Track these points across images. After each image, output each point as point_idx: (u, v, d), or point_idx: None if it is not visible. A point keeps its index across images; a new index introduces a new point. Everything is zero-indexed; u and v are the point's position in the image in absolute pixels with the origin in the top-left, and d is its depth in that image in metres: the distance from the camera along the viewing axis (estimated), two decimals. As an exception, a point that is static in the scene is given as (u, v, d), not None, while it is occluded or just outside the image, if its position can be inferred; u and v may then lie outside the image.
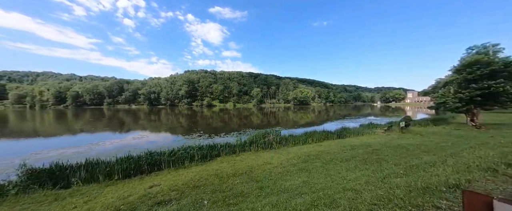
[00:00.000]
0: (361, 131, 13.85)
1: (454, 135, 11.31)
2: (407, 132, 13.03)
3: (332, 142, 10.88)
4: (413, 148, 7.94)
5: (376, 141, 10.27)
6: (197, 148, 8.01)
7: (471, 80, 14.41)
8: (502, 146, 6.60)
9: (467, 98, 14.06)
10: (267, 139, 10.04)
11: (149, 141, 14.04)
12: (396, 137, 11.53)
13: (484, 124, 15.37)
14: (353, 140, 11.41)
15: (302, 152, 8.32)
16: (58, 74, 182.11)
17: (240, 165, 6.67)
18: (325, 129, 13.72)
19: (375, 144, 9.41)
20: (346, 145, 9.37)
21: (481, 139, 9.29)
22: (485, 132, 11.99)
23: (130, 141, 14.15)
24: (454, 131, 12.88)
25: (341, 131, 13.34)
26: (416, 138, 10.96)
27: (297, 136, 11.30)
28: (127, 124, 27.08)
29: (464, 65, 14.55)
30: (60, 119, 35.61)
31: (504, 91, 12.82)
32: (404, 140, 10.24)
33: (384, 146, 8.66)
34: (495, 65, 12.96)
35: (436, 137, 10.78)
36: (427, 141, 9.65)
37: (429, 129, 14.76)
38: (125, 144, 12.98)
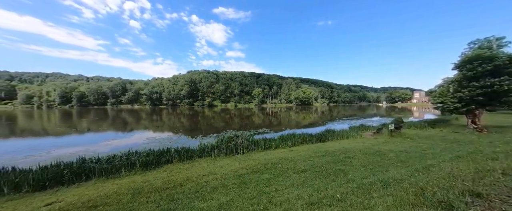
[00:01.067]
0: (346, 134, 12.67)
1: (449, 139, 10.01)
2: (397, 135, 11.76)
3: (307, 146, 9.80)
4: (391, 156, 6.81)
5: (356, 146, 9.14)
6: (145, 154, 7.16)
7: (472, 77, 12.96)
8: (493, 156, 5.39)
9: (468, 98, 12.63)
10: (233, 143, 9.08)
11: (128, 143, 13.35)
12: (382, 141, 10.33)
13: (488, 127, 13.87)
14: (333, 144, 10.30)
15: (264, 159, 7.33)
16: (67, 75, 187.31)
17: (179, 175, 5.77)
18: (305, 132, 12.63)
19: (352, 149, 8.30)
20: (319, 150, 8.30)
21: (477, 145, 8.02)
22: (486, 136, 10.60)
23: (101, 143, 13.54)
24: (450, 135, 11.52)
25: (324, 134, 12.21)
26: (404, 142, 9.73)
27: (271, 140, 10.28)
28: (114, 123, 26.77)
29: (464, 61, 13.11)
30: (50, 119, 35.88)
31: (509, 90, 11.36)
32: (388, 145, 9.06)
33: (361, 153, 7.55)
34: (499, 61, 11.51)
35: (427, 142, 9.53)
36: (413, 147, 8.45)
37: (424, 132, 13.41)
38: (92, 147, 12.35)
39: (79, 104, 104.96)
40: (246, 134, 10.20)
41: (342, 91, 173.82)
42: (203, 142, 9.09)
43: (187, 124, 27.10)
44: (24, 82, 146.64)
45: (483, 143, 8.35)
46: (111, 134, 17.66)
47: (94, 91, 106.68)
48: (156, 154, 7.22)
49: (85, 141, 14.30)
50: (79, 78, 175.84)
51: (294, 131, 13.51)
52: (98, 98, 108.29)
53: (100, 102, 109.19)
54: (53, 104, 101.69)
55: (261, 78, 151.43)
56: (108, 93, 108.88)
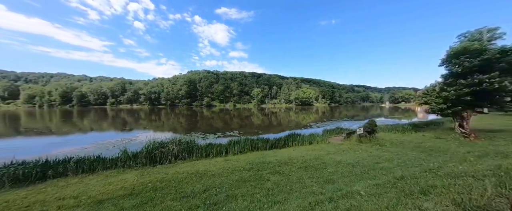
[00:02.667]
0: (313, 138, 11.15)
1: (423, 147, 8.39)
2: (368, 140, 10.17)
3: (250, 155, 8.38)
4: (327, 172, 5.36)
5: (307, 154, 7.69)
6: (27, 165, 5.90)
7: (459, 74, 11.24)
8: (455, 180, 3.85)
9: (453, 98, 10.90)
10: (165, 150, 7.76)
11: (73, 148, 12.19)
12: (344, 148, 8.81)
13: (480, 131, 12.09)
14: (285, 151, 8.84)
15: (175, 172, 5.98)
16: (71, 75, 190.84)
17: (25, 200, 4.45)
18: (268, 137, 11.21)
19: (296, 159, 6.87)
20: (253, 161, 6.88)
21: (448, 156, 6.43)
22: (470, 143, 8.92)
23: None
24: (430, 141, 9.86)
25: (286, 139, 10.73)
26: (367, 151, 8.20)
27: (214, 146, 8.89)
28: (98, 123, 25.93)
29: (449, 55, 11.39)
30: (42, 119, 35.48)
31: (500, 88, 9.61)
32: (344, 154, 7.57)
33: (298, 165, 6.14)
34: (488, 54, 9.77)
35: (394, 150, 7.96)
36: (371, 157, 6.93)
37: (403, 136, 11.75)
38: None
39: (80, 104, 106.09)
40: (187, 140, 8.85)
41: (345, 92, 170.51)
42: (129, 149, 7.81)
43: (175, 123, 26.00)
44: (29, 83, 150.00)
45: (458, 154, 6.74)
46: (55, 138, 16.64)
47: (94, 91, 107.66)
48: (39, 165, 5.92)
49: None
50: (82, 79, 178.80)
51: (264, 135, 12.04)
52: (98, 98, 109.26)
53: (100, 102, 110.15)
54: (54, 104, 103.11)
55: (262, 78, 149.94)
56: (108, 93, 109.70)
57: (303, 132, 13.19)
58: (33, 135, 16.19)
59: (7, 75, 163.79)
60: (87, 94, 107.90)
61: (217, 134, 16.35)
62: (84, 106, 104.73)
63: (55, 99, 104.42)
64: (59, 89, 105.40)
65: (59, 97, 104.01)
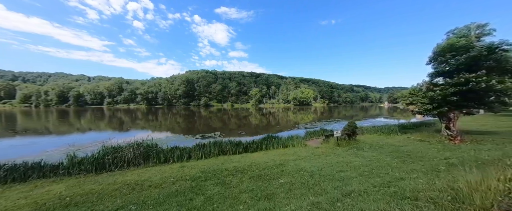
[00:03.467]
0: (290, 141, 10.48)
1: (401, 151, 7.74)
2: (347, 143, 9.52)
3: (218, 159, 7.75)
4: (295, 179, 4.77)
5: (280, 159, 7.11)
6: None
7: (445, 73, 10.59)
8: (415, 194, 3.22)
9: (439, 98, 10.23)
10: (109, 156, 7.11)
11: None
12: (319, 152, 8.18)
13: (469, 132, 11.45)
14: (255, 156, 8.20)
15: (110, 182, 5.35)
16: (69, 75, 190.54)
17: None
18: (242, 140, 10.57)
19: (259, 166, 6.25)
20: (208, 169, 6.27)
21: (424, 163, 5.79)
22: (454, 147, 8.26)
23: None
24: (412, 144, 9.21)
25: (262, 141, 10.08)
26: (345, 154, 7.59)
27: (179, 150, 8.24)
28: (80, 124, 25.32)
29: (435, 53, 10.73)
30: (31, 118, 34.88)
31: (488, 88, 8.94)
32: (318, 159, 6.98)
33: (265, 173, 5.51)
34: (475, 51, 9.09)
35: (370, 155, 7.31)
36: (339, 163, 6.29)
37: (386, 138, 11.10)
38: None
39: (76, 104, 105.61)
40: (148, 143, 8.21)
41: (344, 92, 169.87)
42: (79, 154, 7.17)
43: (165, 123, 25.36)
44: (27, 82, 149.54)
45: (433, 161, 6.09)
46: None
47: (91, 91, 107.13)
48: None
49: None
50: (81, 78, 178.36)
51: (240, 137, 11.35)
52: (95, 98, 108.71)
53: (97, 102, 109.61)
54: (51, 104, 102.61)
55: (260, 78, 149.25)
56: (105, 93, 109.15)
57: (281, 135, 12.55)
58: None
59: (4, 75, 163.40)
60: (83, 94, 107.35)
61: (197, 135, 15.73)
62: (81, 106, 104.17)
63: (51, 99, 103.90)
64: (55, 89, 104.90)
65: (56, 97, 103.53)
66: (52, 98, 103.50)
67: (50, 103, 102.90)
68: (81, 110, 75.22)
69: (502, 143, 8.34)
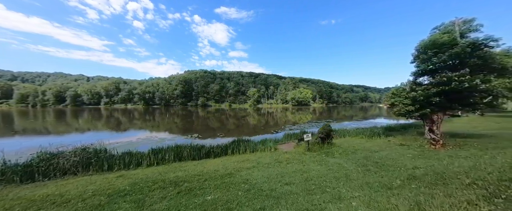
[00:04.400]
0: (262, 145, 9.77)
1: (375, 157, 6.99)
2: (320, 147, 8.77)
3: (169, 166, 7.05)
4: (222, 196, 4.05)
5: (233, 167, 6.44)
6: None
7: (428, 72, 9.84)
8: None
9: (421, 99, 9.47)
10: (54, 162, 6.42)
11: None
12: (286, 158, 7.45)
13: (455, 135, 10.68)
14: (214, 162, 7.50)
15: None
16: (68, 75, 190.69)
17: None
18: (206, 143, 9.84)
19: (210, 176, 5.58)
20: (155, 178, 5.57)
21: (383, 175, 5.05)
22: (435, 152, 7.50)
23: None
24: (390, 148, 8.45)
25: (231, 145, 9.38)
26: (310, 161, 6.89)
27: (131, 155, 7.55)
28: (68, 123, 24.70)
29: (418, 50, 9.97)
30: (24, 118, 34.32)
31: (471, 88, 8.18)
32: (276, 167, 6.33)
33: (197, 186, 4.81)
34: (458, 48, 8.32)
35: (338, 162, 6.60)
36: (300, 172, 5.59)
37: (368, 142, 10.35)
38: None
39: (74, 104, 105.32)
40: (95, 148, 7.52)
41: (343, 92, 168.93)
42: (18, 160, 6.49)
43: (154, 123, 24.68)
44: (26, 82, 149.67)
45: (397, 171, 5.35)
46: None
47: (88, 91, 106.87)
48: None
49: None
50: (80, 78, 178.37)
51: (208, 140, 10.54)
52: (92, 98, 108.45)
53: (94, 102, 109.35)
54: (47, 104, 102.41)
55: (259, 78, 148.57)
56: (102, 93, 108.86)
57: (255, 138, 11.83)
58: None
59: (3, 75, 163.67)
60: (81, 94, 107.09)
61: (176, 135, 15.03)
62: (78, 106, 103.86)
63: (48, 99, 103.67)
64: (53, 89, 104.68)
65: (53, 97, 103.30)
66: (49, 98, 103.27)
67: (47, 104, 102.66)
68: (78, 110, 74.95)
69: (485, 148, 7.57)
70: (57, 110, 69.82)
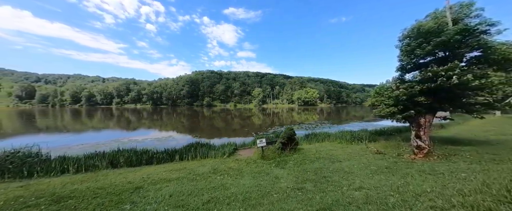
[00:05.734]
0: (222, 150, 8.79)
1: (326, 170, 5.76)
2: (277, 155, 7.62)
3: (94, 175, 6.31)
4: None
5: (156, 179, 5.49)
6: None
7: (414, 67, 8.30)
8: None
9: (404, 98, 7.95)
10: None
11: None
12: (226, 168, 6.44)
13: (451, 141, 9.00)
14: (144, 171, 6.66)
15: None
16: (86, 76, 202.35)
17: None
18: (158, 147, 9.05)
19: (112, 190, 4.72)
20: (55, 192, 4.83)
21: (311, 198, 3.89)
22: (409, 165, 6.09)
23: None
24: (358, 158, 7.09)
25: (189, 149, 8.53)
26: (251, 172, 5.81)
27: (66, 160, 6.95)
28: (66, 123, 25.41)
29: (401, 41, 8.43)
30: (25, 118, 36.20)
31: (462, 85, 6.60)
32: (201, 182, 5.30)
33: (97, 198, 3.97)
34: (445, 36, 6.76)
35: (280, 174, 5.48)
36: (218, 189, 4.57)
37: (342, 148, 8.97)
38: None
39: (88, 104, 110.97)
40: (24, 152, 7.00)
41: (353, 92, 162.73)
42: None
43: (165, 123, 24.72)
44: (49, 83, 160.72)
45: (342, 190, 4.14)
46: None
47: (101, 92, 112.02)
48: None
49: None
50: (96, 79, 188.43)
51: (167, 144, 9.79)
52: (105, 98, 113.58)
53: (107, 102, 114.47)
54: (65, 104, 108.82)
55: (266, 78, 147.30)
56: (114, 93, 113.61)
57: (228, 140, 10.87)
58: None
59: (30, 77, 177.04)
60: (94, 95, 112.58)
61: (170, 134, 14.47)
62: (92, 105, 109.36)
63: (66, 99, 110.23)
64: (70, 90, 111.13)
65: (70, 97, 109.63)
66: (66, 98, 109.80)
67: (64, 103, 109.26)
68: (92, 109, 78.60)
69: (477, 160, 6.02)
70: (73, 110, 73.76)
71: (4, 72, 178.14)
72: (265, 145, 7.57)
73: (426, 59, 8.32)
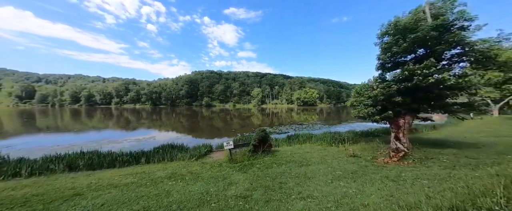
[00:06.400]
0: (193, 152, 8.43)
1: (285, 176, 5.39)
2: (246, 158, 7.25)
3: (36, 180, 5.97)
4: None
5: (104, 183, 5.15)
6: None
7: (394, 65, 7.88)
8: None
9: (382, 98, 7.54)
10: None
11: None
12: (187, 171, 6.08)
13: (441, 144, 8.57)
14: (95, 176, 6.31)
15: None
16: (86, 76, 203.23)
17: None
18: (126, 149, 8.72)
19: (38, 199, 4.39)
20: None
21: None
22: (378, 170, 5.68)
23: None
24: (327, 161, 6.70)
25: (156, 152, 8.18)
26: (206, 178, 5.43)
27: (24, 162, 6.64)
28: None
29: (379, 38, 8.01)
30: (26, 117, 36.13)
31: (438, 84, 6.18)
32: (145, 189, 4.94)
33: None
34: (420, 32, 6.34)
35: (235, 181, 5.09)
36: (163, 195, 4.21)
37: (319, 151, 8.57)
38: None
39: (87, 104, 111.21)
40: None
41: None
42: None
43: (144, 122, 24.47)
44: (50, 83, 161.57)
45: (294, 196, 3.76)
46: None
47: (100, 92, 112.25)
48: None
49: None
50: (96, 80, 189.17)
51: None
52: (104, 98, 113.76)
53: (106, 101, 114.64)
54: (64, 104, 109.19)
55: (265, 78, 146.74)
56: (113, 93, 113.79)
57: (198, 142, 10.51)
58: None
59: (31, 77, 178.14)
60: (94, 95, 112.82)
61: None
62: (91, 105, 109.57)
63: (65, 99, 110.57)
64: (69, 90, 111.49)
65: (69, 97, 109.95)
66: (66, 98, 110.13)
67: (64, 103, 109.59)
68: (90, 109, 78.66)
69: (452, 165, 5.60)
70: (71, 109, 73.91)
71: (5, 72, 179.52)
72: (233, 148, 7.20)
73: (407, 57, 7.93)
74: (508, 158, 5.96)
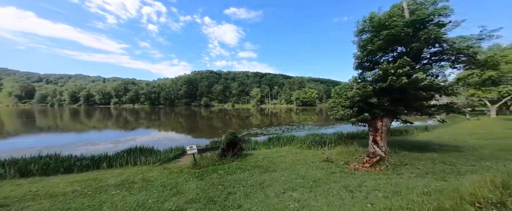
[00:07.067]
0: (157, 156, 8.03)
1: (241, 183, 4.95)
2: (213, 163, 6.83)
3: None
4: None
5: (51, 192, 4.75)
6: None
7: (369, 64, 7.43)
8: None
9: (358, 99, 7.08)
10: None
11: None
12: (136, 181, 5.67)
13: (412, 147, 8.10)
14: (42, 183, 5.92)
15: None
16: (87, 76, 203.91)
17: None
18: (90, 152, 8.33)
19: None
20: None
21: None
22: (342, 177, 5.24)
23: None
24: (296, 167, 6.26)
25: (124, 154, 7.79)
26: (156, 185, 5.02)
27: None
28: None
29: (355, 35, 7.55)
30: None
31: (413, 84, 5.72)
32: (80, 200, 4.50)
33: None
34: (394, 29, 5.88)
35: (186, 190, 4.67)
36: (94, 207, 3.79)
37: (296, 155, 8.12)
38: None
39: (86, 104, 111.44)
40: None
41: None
42: None
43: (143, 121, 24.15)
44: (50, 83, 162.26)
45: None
46: None
47: (99, 91, 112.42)
48: None
49: None
50: (97, 79, 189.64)
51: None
52: (103, 98, 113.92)
53: (105, 101, 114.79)
54: (63, 103, 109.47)
55: (265, 78, 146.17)
56: (112, 93, 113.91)
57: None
58: None
59: (31, 77, 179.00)
60: (93, 94, 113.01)
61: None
62: (90, 105, 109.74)
63: (64, 99, 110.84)
64: (68, 89, 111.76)
65: (68, 97, 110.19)
66: (65, 98, 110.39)
67: (63, 103, 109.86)
68: (89, 109, 78.69)
69: (424, 173, 5.14)
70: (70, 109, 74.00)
71: (7, 72, 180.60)
72: (196, 152, 6.78)
73: (387, 56, 7.47)
74: (487, 165, 5.49)
